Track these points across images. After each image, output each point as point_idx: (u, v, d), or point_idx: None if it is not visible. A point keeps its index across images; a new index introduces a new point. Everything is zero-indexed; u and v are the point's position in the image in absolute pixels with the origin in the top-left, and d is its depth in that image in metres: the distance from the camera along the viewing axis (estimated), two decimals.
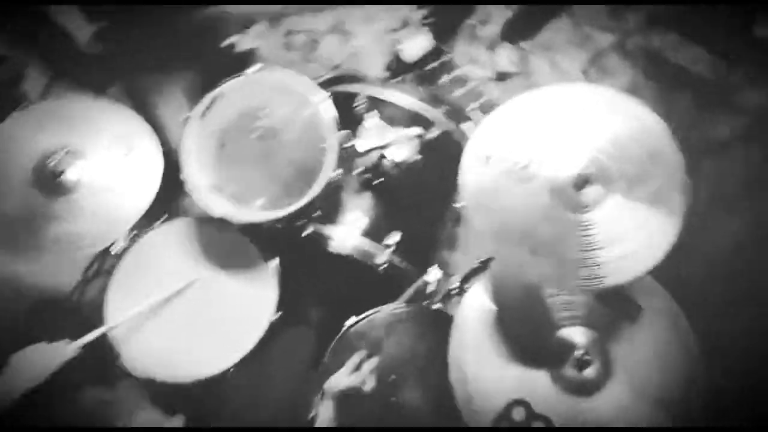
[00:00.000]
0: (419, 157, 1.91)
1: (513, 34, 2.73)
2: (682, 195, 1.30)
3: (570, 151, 1.37)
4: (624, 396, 1.42)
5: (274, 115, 1.68)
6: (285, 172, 1.68)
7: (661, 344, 1.46)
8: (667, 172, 1.33)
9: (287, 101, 1.68)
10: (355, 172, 1.89)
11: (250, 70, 1.69)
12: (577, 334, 1.48)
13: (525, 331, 1.50)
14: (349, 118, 1.87)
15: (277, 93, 1.68)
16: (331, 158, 1.60)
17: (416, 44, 2.67)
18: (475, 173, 1.38)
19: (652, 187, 1.32)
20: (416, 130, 1.92)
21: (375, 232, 1.87)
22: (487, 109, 2.43)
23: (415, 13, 2.78)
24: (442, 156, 1.80)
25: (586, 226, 1.31)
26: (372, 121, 1.87)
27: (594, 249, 1.30)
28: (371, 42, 2.74)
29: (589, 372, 1.43)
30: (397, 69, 2.68)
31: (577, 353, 1.43)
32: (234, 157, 1.72)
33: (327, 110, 1.67)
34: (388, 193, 1.92)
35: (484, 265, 1.78)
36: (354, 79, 2.14)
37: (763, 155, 1.92)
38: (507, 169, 1.37)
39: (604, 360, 1.44)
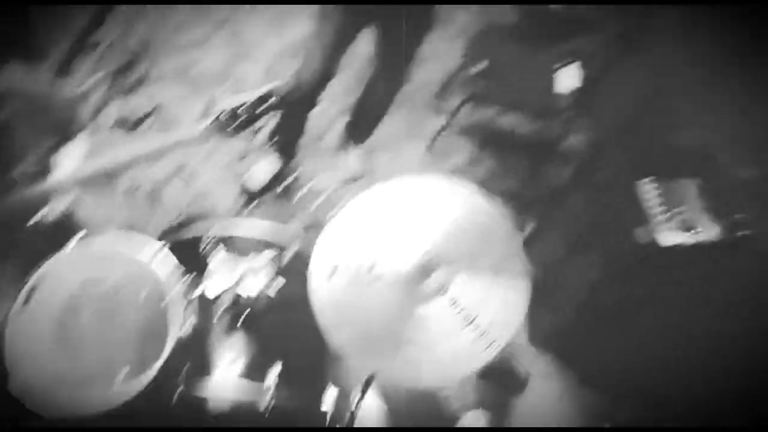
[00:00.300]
0: (281, 280, 1.85)
1: (352, 137, 2.82)
2: (524, 257, 1.34)
3: (411, 241, 1.38)
4: None
5: (108, 282, 1.57)
6: (134, 339, 1.55)
7: (553, 399, 1.45)
8: (504, 240, 1.37)
9: (120, 264, 1.58)
10: (216, 316, 1.79)
11: (73, 241, 1.59)
12: (474, 420, 1.43)
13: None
14: (198, 262, 1.80)
15: (107, 258, 1.58)
16: (176, 312, 1.50)
17: (262, 169, 2.69)
18: (323, 289, 1.35)
19: (494, 257, 1.34)
20: (270, 255, 1.87)
21: (255, 370, 1.76)
22: None
23: (256, 139, 2.83)
24: (305, 273, 1.76)
25: (442, 312, 1.30)
26: (220, 259, 1.80)
27: (456, 333, 1.28)
28: (216, 178, 2.73)
29: None
30: (249, 197, 2.67)
31: None
32: (75, 338, 1.56)
33: (165, 262, 1.58)
34: (258, 326, 1.82)
35: (370, 377, 1.71)
36: (202, 219, 2.08)
37: (594, 194, 2.06)
38: (354, 276, 1.35)
39: None
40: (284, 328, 1.84)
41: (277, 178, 2.71)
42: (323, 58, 2.24)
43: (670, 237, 1.86)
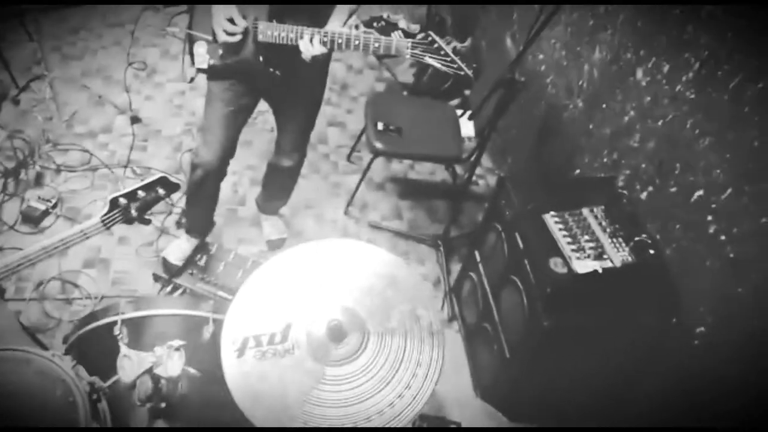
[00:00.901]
0: (202, 357, 1.77)
1: (268, 206, 2.80)
2: (433, 307, 1.33)
3: (319, 308, 1.35)
4: None
5: (9, 387, 1.45)
6: None
7: None
8: (411, 293, 1.37)
9: (20, 365, 1.47)
10: (138, 405, 1.69)
11: None
12: None
13: None
14: (113, 346, 1.70)
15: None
16: (82, 410, 1.41)
17: (179, 246, 2.61)
18: (236, 368, 1.29)
19: (405, 311, 1.33)
20: (190, 331, 1.79)
21: None
22: None
23: (170, 217, 2.77)
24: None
25: (360, 373, 1.27)
26: (136, 341, 1.71)
27: (377, 392, 1.24)
28: (132, 262, 2.63)
29: None
30: (169, 276, 2.57)
31: None
32: None
33: (66, 361, 1.50)
34: (182, 413, 1.73)
35: None
36: (118, 304, 1.99)
37: (508, 230, 2.12)
38: (266, 350, 1.30)
39: None
40: (210, 410, 1.75)
41: (197, 252, 2.63)
42: (222, 137, 2.23)
43: (583, 265, 1.90)
